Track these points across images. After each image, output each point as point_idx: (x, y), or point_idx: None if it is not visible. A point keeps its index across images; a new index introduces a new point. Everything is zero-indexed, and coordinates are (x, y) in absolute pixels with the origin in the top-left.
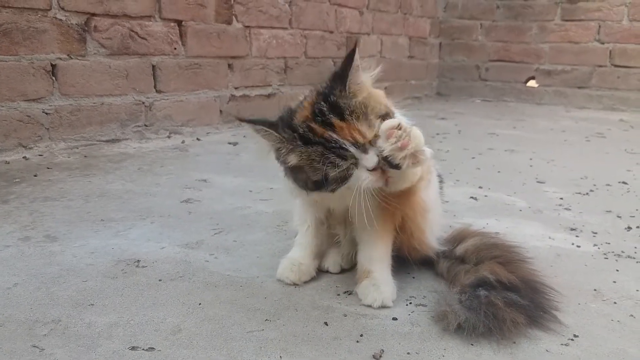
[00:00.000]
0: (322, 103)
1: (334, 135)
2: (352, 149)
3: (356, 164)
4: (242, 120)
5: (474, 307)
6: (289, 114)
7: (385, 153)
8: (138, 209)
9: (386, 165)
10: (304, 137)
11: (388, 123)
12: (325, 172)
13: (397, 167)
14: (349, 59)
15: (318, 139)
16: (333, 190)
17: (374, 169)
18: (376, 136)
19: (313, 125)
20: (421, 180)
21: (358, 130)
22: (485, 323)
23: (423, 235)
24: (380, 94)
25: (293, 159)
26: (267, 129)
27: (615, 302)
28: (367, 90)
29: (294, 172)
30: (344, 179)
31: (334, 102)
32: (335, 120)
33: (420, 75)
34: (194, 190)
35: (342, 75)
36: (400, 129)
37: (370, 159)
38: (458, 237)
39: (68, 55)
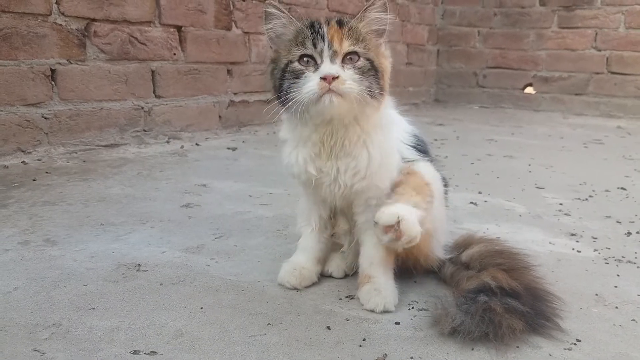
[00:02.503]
0: (340, 18)
1: (323, 27)
2: (325, 44)
3: (316, 67)
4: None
5: (471, 311)
6: None
7: (383, 244)
8: (138, 214)
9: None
10: (310, 24)
11: (385, 218)
12: (295, 50)
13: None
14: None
15: (315, 28)
16: (287, 89)
17: (324, 80)
18: (352, 53)
19: (321, 21)
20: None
21: (340, 37)
22: (481, 328)
23: (429, 252)
24: (385, 53)
25: (290, 29)
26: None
27: (616, 307)
28: (370, 36)
29: (280, 47)
30: (299, 73)
31: (343, 20)
32: (333, 22)
33: (418, 81)
34: (194, 195)
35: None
36: (398, 224)
37: (331, 67)
38: (463, 244)
39: (68, 60)
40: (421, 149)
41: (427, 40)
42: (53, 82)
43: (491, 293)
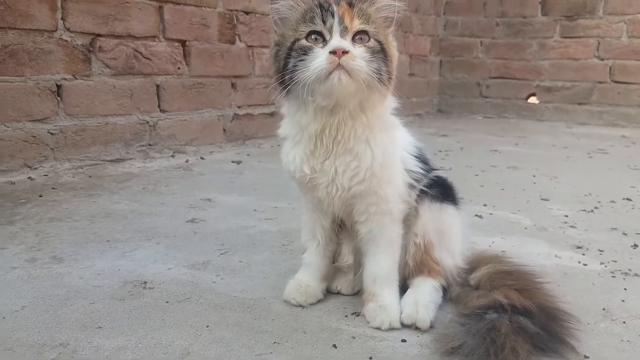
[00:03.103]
0: (350, 0)
1: (333, 6)
2: (335, 19)
3: (325, 43)
4: None
5: (473, 331)
6: None
7: None
8: (143, 229)
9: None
10: (319, 3)
11: (404, 316)
12: (302, 28)
13: None
14: None
15: (324, 7)
16: (293, 68)
17: (334, 54)
18: (362, 32)
19: (330, 2)
20: None
21: (351, 16)
22: (481, 350)
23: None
24: (392, 42)
25: (298, 9)
26: None
27: (624, 322)
28: (380, 22)
29: (286, 28)
30: (307, 49)
31: (354, 2)
32: (343, 3)
33: (421, 92)
34: (199, 209)
35: None
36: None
37: (338, 41)
38: (471, 265)
39: (73, 75)
40: (423, 160)
41: (429, 51)
42: (59, 98)
43: (502, 310)
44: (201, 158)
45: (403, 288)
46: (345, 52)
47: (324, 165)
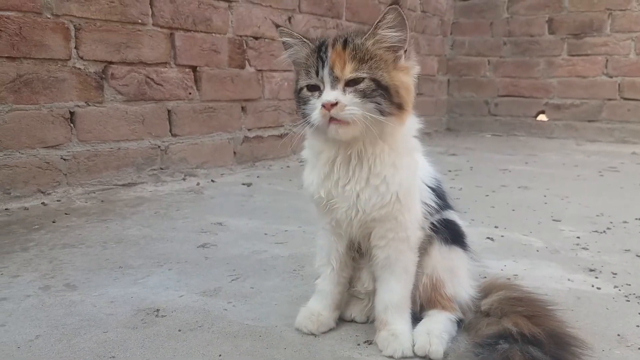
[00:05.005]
0: (347, 37)
1: (329, 51)
2: (326, 71)
3: (320, 93)
4: (279, 25)
5: None
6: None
7: None
8: (155, 255)
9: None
10: (317, 47)
11: (417, 347)
12: (303, 77)
13: None
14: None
15: (321, 52)
16: (303, 112)
17: (324, 107)
18: (356, 80)
19: (328, 43)
20: None
21: (343, 61)
22: None
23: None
24: (406, 64)
25: (302, 54)
26: (300, 36)
27: (639, 348)
28: (381, 52)
29: (298, 70)
30: (307, 99)
31: (350, 39)
32: (338, 44)
33: (429, 111)
34: (210, 234)
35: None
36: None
37: (330, 94)
38: (484, 291)
39: (86, 102)
40: (439, 193)
41: (437, 71)
42: (72, 124)
43: (512, 339)
44: (212, 181)
45: (415, 318)
46: (333, 105)
47: (345, 191)
